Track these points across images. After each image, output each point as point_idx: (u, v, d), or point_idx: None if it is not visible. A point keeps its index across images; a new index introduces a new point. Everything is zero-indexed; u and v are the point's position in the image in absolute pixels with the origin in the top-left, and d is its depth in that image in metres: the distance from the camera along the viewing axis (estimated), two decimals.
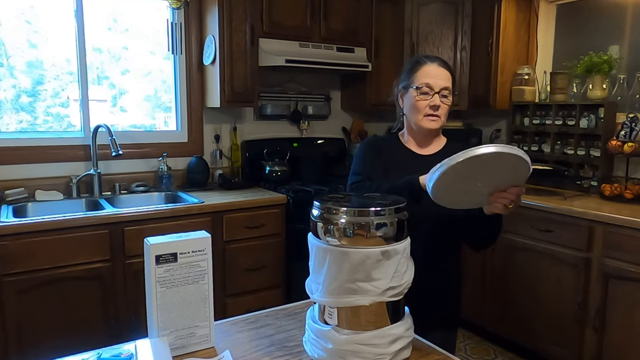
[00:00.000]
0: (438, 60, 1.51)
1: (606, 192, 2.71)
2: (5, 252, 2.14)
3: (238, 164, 3.31)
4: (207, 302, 1.10)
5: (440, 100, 1.47)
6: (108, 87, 3.06)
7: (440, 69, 1.49)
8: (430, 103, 1.47)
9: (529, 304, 2.77)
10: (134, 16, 3.04)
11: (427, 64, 1.49)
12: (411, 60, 1.57)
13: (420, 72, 1.49)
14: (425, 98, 1.47)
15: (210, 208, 2.63)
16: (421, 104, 1.48)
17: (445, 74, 1.49)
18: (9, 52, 2.70)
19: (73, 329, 2.30)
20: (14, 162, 2.66)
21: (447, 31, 3.36)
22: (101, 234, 2.35)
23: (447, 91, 1.48)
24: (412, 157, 1.56)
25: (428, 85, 1.47)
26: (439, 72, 1.48)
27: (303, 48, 3.10)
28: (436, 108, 1.47)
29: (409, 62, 1.58)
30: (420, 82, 1.47)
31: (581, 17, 3.23)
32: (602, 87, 2.89)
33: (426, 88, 1.47)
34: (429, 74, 1.48)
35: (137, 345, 1.07)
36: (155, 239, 1.06)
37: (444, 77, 1.48)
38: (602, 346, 2.44)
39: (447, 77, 1.49)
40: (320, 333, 1.02)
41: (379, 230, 0.97)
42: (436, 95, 1.46)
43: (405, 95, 1.54)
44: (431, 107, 1.47)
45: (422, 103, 1.48)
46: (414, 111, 1.50)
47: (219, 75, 2.91)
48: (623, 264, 2.33)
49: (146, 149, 3.04)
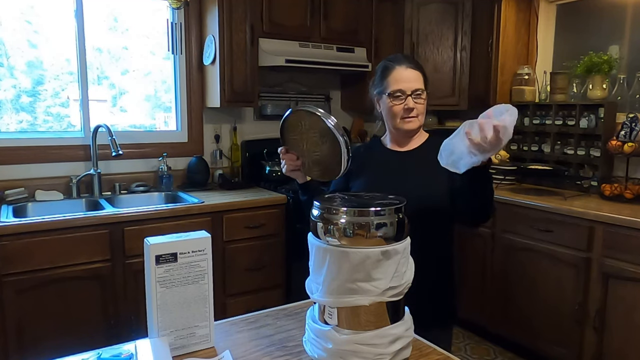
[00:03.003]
0: (406, 62, 1.52)
1: (606, 192, 2.71)
2: (5, 252, 2.14)
3: (238, 164, 3.31)
4: (207, 302, 1.10)
5: (413, 102, 1.50)
6: (108, 87, 3.06)
7: (409, 70, 1.50)
8: (405, 106, 1.50)
9: (529, 304, 2.77)
10: (134, 16, 3.04)
11: (395, 69, 1.51)
12: (380, 64, 1.58)
13: (390, 77, 1.51)
14: (399, 102, 1.50)
15: (210, 208, 2.63)
16: (396, 108, 1.51)
17: (414, 74, 1.51)
18: (9, 52, 2.70)
19: (73, 329, 2.30)
20: (14, 162, 2.66)
21: (447, 31, 3.36)
22: (101, 234, 2.35)
23: (420, 91, 1.50)
24: (390, 155, 1.60)
25: (400, 91, 1.49)
26: (408, 74, 1.50)
27: (303, 48, 3.10)
28: (410, 110, 1.50)
29: (378, 66, 1.59)
30: (392, 88, 1.50)
31: (581, 17, 3.23)
32: (602, 87, 2.90)
33: (398, 93, 1.49)
34: (399, 78, 1.50)
35: (137, 345, 1.07)
36: (155, 239, 1.05)
37: (414, 78, 1.50)
38: (602, 346, 2.44)
39: (416, 77, 1.51)
40: (320, 333, 1.02)
41: (379, 230, 0.97)
42: (409, 98, 1.49)
43: (380, 100, 1.57)
44: (406, 110, 1.50)
45: (397, 108, 1.51)
46: (390, 116, 1.54)
47: (219, 75, 2.91)
48: (623, 264, 2.33)
49: (146, 149, 3.04)
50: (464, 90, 3.35)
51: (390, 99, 1.51)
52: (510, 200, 2.82)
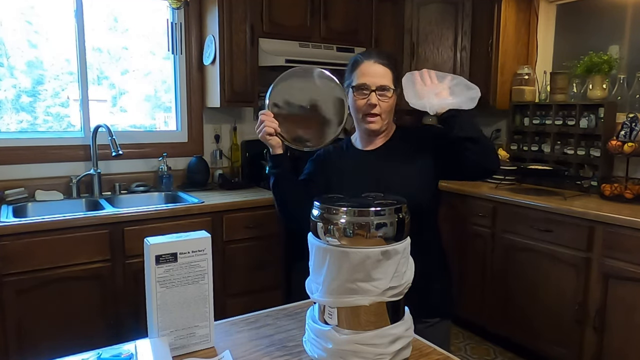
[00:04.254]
0: (375, 57, 1.46)
1: (606, 192, 2.71)
2: (5, 252, 2.14)
3: (238, 164, 3.31)
4: (207, 302, 1.10)
5: (377, 98, 1.43)
6: (108, 87, 3.06)
7: (376, 65, 1.44)
8: (368, 102, 1.44)
9: (529, 304, 2.77)
10: (134, 16, 3.04)
11: (363, 63, 1.45)
12: (352, 58, 1.53)
13: (358, 70, 1.46)
14: (363, 97, 1.45)
15: (210, 208, 2.63)
16: (359, 103, 1.46)
17: (382, 70, 1.44)
18: (9, 52, 2.70)
19: (73, 329, 2.30)
20: (14, 162, 2.66)
21: (447, 31, 3.36)
22: (101, 234, 2.35)
23: (386, 88, 1.44)
24: (359, 155, 1.55)
25: (364, 85, 1.44)
26: (375, 69, 1.44)
27: (303, 48, 3.10)
28: (373, 107, 1.44)
29: (350, 59, 1.53)
30: (357, 81, 1.45)
31: (581, 17, 3.23)
32: (602, 87, 2.89)
33: (363, 88, 1.44)
34: (365, 72, 1.44)
35: (137, 345, 1.07)
36: (155, 239, 1.06)
37: (381, 73, 1.44)
38: (602, 346, 2.44)
39: (384, 73, 1.44)
40: (320, 333, 1.02)
41: (379, 230, 0.97)
42: (373, 93, 1.43)
43: (348, 94, 1.51)
44: (368, 106, 1.44)
45: (360, 102, 1.46)
46: (355, 113, 1.50)
47: (219, 75, 2.91)
48: (623, 264, 2.33)
49: (146, 149, 3.04)
50: None
51: (355, 93, 1.46)
52: (510, 200, 2.82)
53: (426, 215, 1.47)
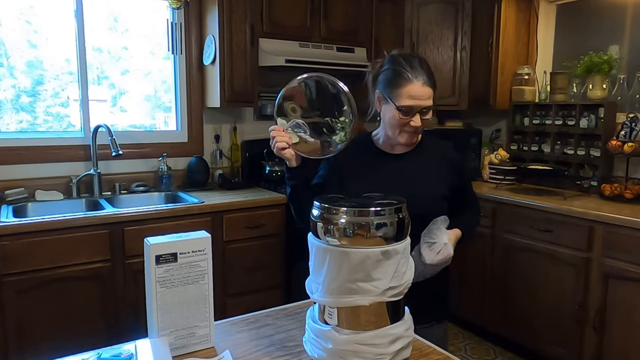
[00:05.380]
0: (423, 77, 1.41)
1: (606, 192, 2.71)
2: (5, 252, 2.14)
3: (238, 164, 3.31)
4: (207, 302, 1.10)
5: (420, 119, 1.43)
6: (108, 87, 3.06)
7: (424, 88, 1.41)
8: (411, 123, 1.43)
9: (529, 304, 2.77)
10: (134, 16, 3.04)
11: (412, 83, 1.40)
12: (394, 67, 1.44)
13: (404, 90, 1.40)
14: (406, 118, 1.42)
15: (210, 208, 2.63)
16: (401, 121, 1.43)
17: (429, 92, 1.42)
18: (9, 52, 2.70)
19: (73, 329, 2.30)
20: (14, 162, 2.66)
21: (447, 31, 3.36)
22: (101, 234, 2.35)
23: (429, 110, 1.44)
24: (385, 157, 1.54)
25: (411, 108, 1.41)
26: (423, 92, 1.40)
27: (303, 48, 3.10)
28: (416, 127, 1.44)
29: (390, 66, 1.46)
30: (403, 102, 1.41)
31: (581, 17, 3.23)
32: (602, 87, 2.90)
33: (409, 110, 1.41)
34: (414, 94, 1.40)
35: (137, 345, 1.07)
36: (155, 239, 1.05)
37: (428, 96, 1.42)
38: (602, 346, 2.44)
39: (430, 94, 1.42)
40: (320, 333, 1.02)
41: (379, 230, 0.97)
42: (417, 115, 1.42)
43: (384, 103, 1.48)
44: (411, 126, 1.43)
45: (403, 121, 1.43)
46: (391, 126, 1.47)
47: (219, 75, 2.91)
48: (623, 264, 2.33)
49: (146, 149, 3.04)
50: (464, 90, 3.35)
51: (398, 112, 1.42)
52: (510, 200, 2.82)
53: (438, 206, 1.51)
